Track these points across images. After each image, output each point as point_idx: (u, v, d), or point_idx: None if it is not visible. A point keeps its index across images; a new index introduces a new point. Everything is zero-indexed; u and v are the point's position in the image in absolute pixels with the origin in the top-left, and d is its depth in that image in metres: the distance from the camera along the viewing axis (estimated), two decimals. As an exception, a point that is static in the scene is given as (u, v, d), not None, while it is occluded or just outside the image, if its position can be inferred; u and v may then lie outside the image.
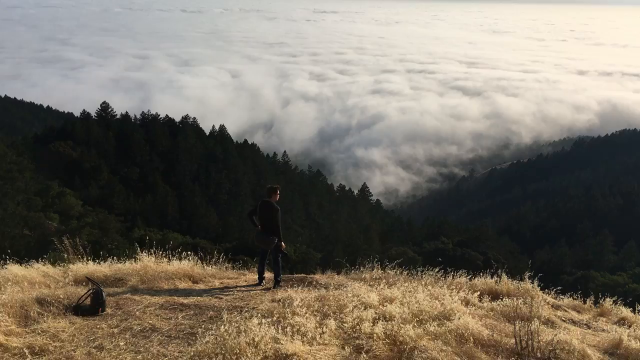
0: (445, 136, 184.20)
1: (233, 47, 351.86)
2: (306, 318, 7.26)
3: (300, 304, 7.75)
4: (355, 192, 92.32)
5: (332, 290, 8.83)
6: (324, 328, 7.06)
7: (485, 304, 8.87)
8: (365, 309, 7.80)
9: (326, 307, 7.95)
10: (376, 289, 8.95)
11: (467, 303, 8.72)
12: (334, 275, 10.69)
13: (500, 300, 8.98)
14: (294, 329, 6.90)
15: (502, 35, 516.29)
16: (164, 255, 10.43)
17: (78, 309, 7.73)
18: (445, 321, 7.45)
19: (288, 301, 8.09)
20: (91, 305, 7.79)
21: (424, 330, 7.18)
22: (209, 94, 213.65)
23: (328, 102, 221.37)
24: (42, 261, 10.20)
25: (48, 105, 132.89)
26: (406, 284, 9.23)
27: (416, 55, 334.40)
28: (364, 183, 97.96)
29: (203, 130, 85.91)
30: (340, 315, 7.62)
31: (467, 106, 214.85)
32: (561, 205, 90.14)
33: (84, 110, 79.32)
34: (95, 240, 33.51)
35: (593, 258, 71.70)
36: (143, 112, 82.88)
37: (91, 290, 7.93)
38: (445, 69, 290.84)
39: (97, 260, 10.46)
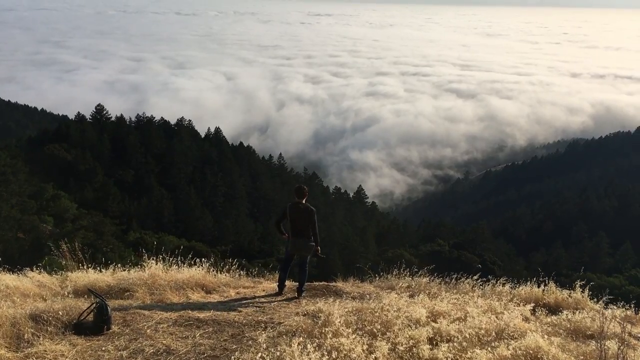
0: (439, 138, 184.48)
1: (227, 50, 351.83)
2: (352, 339, 6.20)
3: (340, 321, 6.71)
4: (351, 194, 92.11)
5: (367, 302, 7.84)
6: (377, 352, 6.00)
7: (543, 319, 7.82)
8: (416, 327, 6.79)
9: (367, 323, 6.88)
10: (417, 300, 7.90)
11: (525, 318, 7.73)
12: (358, 283, 9.85)
13: (560, 313, 7.90)
14: (341, 355, 5.86)
15: (495, 38, 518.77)
16: (173, 261, 9.47)
17: (79, 327, 6.72)
18: (512, 341, 6.48)
19: (320, 315, 7.12)
20: (94, 322, 6.77)
21: (497, 355, 6.10)
22: (204, 96, 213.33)
23: (323, 104, 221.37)
24: (37, 269, 9.22)
25: (42, 108, 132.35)
26: (446, 294, 8.26)
27: (410, 58, 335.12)
28: (360, 185, 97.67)
29: (198, 133, 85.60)
30: (389, 335, 6.52)
31: (461, 109, 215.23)
32: (556, 207, 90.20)
33: (78, 112, 78.88)
34: (91, 243, 33.18)
35: (589, 260, 71.76)
36: (138, 114, 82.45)
37: (94, 304, 6.89)
38: (440, 71, 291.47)
39: (98, 267, 9.44)
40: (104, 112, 78.44)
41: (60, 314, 6.89)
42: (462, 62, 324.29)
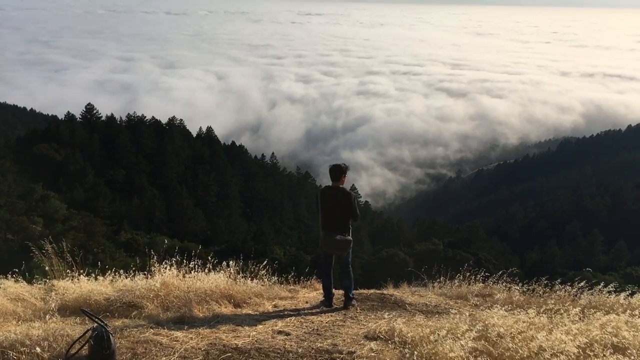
0: (431, 137, 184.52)
1: (218, 50, 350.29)
2: None
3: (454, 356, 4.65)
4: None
5: (467, 321, 5.86)
6: None
7: None
8: None
9: (490, 357, 4.86)
10: (528, 318, 5.73)
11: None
12: (420, 291, 8.24)
13: None
14: None
15: (486, 37, 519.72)
16: (189, 266, 7.56)
17: None
18: None
19: (407, 341, 5.31)
20: (91, 358, 4.61)
21: None
22: (195, 95, 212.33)
23: (314, 103, 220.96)
24: (13, 276, 7.16)
25: (32, 108, 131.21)
26: (564, 308, 6.25)
27: (401, 57, 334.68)
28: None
29: (190, 132, 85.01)
30: None
31: (452, 108, 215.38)
32: (549, 206, 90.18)
33: (68, 112, 78.03)
34: (81, 244, 32.57)
35: (583, 258, 71.73)
36: (129, 114, 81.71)
37: (90, 332, 4.70)
38: (430, 70, 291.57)
39: (93, 274, 7.38)
40: (94, 112, 77.72)
41: (39, 350, 4.69)
42: (453, 61, 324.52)
